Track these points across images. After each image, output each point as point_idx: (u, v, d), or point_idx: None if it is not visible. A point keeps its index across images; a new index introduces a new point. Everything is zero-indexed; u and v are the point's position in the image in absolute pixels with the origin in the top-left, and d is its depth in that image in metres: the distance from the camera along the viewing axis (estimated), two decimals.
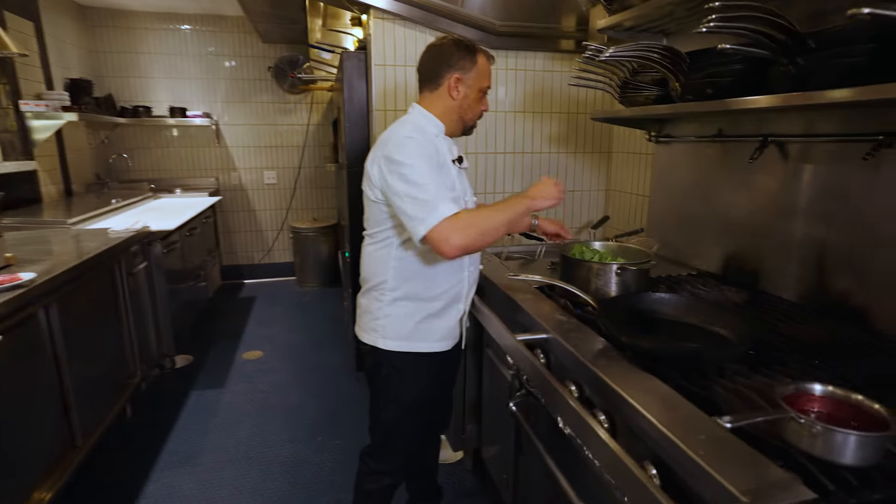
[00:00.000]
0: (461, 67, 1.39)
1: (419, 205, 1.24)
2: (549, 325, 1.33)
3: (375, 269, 1.45)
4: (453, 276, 1.46)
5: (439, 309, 1.46)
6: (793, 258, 1.48)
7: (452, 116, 1.44)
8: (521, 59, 2.45)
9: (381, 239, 1.42)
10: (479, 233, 1.25)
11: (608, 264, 1.38)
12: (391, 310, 1.43)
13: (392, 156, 1.30)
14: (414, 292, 1.42)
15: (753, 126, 1.58)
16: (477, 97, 1.43)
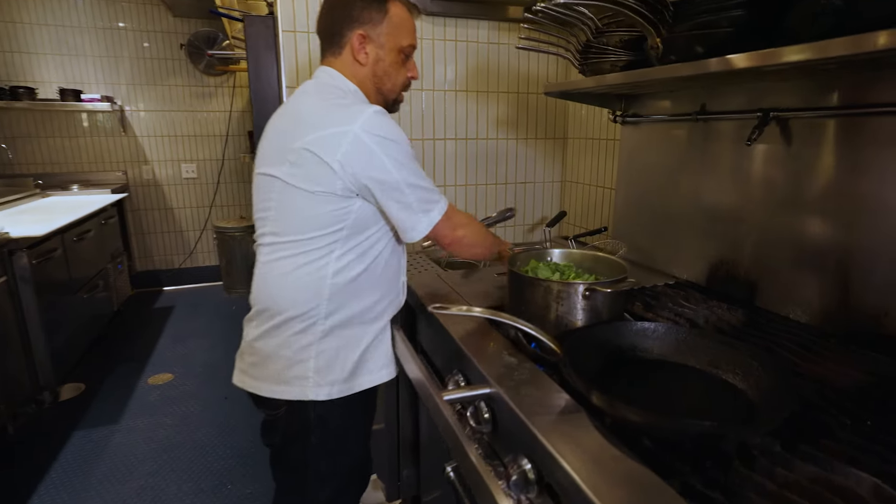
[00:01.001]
0: (366, 21, 1.08)
1: (425, 193, 1.06)
2: (492, 370, 0.95)
3: (300, 294, 1.06)
4: (393, 283, 1.19)
5: (382, 328, 1.18)
6: (802, 267, 1.16)
7: (367, 87, 1.13)
8: (463, 29, 2.06)
9: (315, 249, 1.05)
10: (473, 231, 1.18)
11: (572, 284, 1.01)
12: (325, 345, 1.07)
13: (378, 132, 0.99)
14: (353, 315, 1.10)
15: (747, 98, 1.24)
16: (396, 60, 1.13)
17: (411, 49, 1.14)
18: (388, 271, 1.16)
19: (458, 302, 1.32)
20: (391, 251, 1.15)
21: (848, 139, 1.05)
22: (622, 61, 1.31)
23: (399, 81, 1.16)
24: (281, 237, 1.06)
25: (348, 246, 1.06)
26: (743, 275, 1.30)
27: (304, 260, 1.05)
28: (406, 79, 1.17)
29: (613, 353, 0.98)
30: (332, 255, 1.05)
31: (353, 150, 0.98)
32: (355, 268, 1.07)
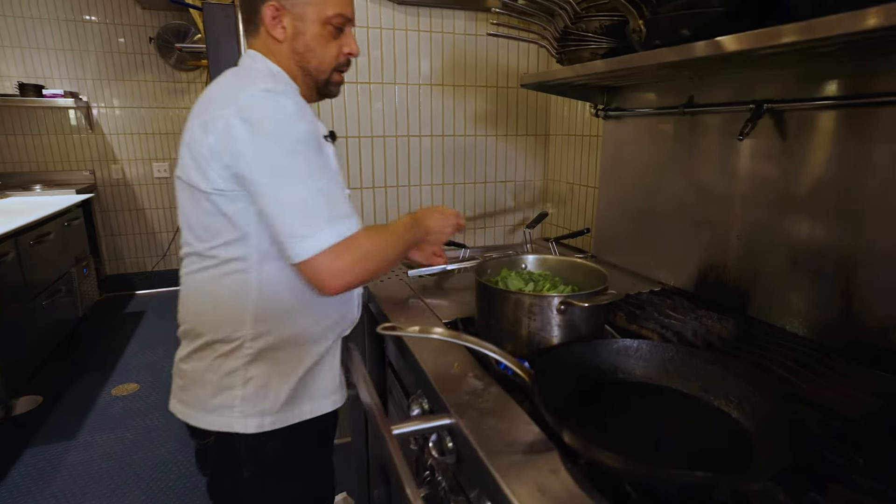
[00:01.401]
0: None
1: (305, 213, 0.82)
2: (452, 397, 0.83)
3: (220, 314, 0.91)
4: (341, 300, 1.02)
5: (326, 350, 1.01)
6: (798, 273, 1.05)
7: (290, 68, 0.97)
8: (437, 19, 1.94)
9: (231, 260, 0.90)
10: (376, 267, 0.89)
11: (545, 297, 0.89)
12: (254, 371, 0.92)
13: (250, 116, 0.81)
14: (287, 337, 0.94)
15: (739, 89, 1.14)
16: (321, 34, 0.95)
17: (342, 20, 0.96)
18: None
19: (424, 315, 1.20)
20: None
21: (850, 133, 0.95)
22: (603, 49, 1.20)
23: (328, 58, 0.97)
24: (193, 246, 0.92)
25: (270, 257, 0.90)
26: (733, 281, 1.20)
27: (221, 272, 0.90)
28: (340, 55, 0.99)
29: (591, 374, 0.86)
30: (251, 269, 0.90)
31: (222, 137, 0.82)
32: (282, 283, 0.91)
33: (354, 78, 1.86)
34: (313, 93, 1.01)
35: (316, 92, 1.01)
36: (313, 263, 0.83)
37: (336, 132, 1.87)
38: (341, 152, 1.89)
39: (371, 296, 1.37)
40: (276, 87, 0.85)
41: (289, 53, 0.95)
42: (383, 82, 1.91)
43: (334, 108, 1.86)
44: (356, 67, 1.85)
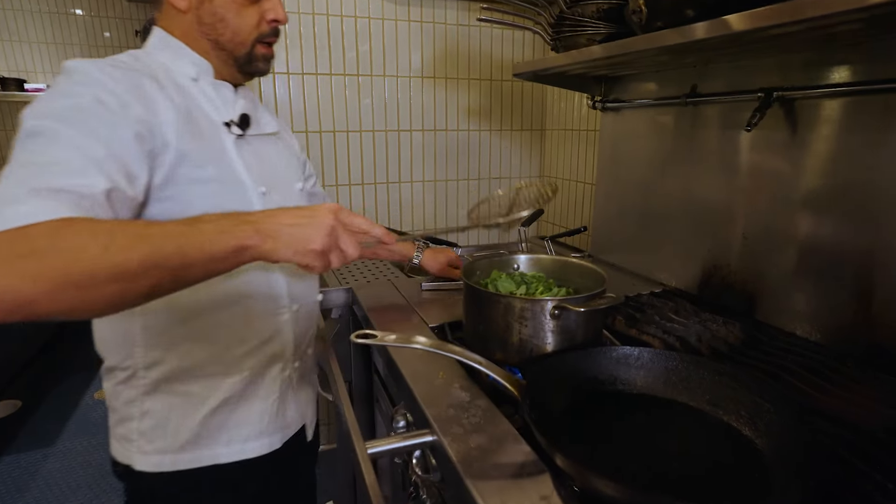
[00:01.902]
0: None
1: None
2: (435, 411, 0.76)
3: (110, 338, 0.79)
4: (262, 322, 0.86)
5: (243, 383, 0.85)
6: (810, 275, 0.98)
7: (197, 42, 0.81)
8: (428, 9, 1.86)
9: None
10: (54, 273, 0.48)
11: (537, 301, 0.82)
12: (151, 403, 0.80)
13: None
14: (186, 367, 0.80)
15: (746, 76, 1.06)
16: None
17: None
18: (241, 304, 0.83)
19: (410, 318, 1.13)
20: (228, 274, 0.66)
21: (866, 122, 0.88)
22: (600, 34, 1.13)
23: (245, 27, 0.81)
24: None
25: None
26: (739, 283, 1.13)
27: None
28: (261, 24, 0.82)
29: (588, 385, 0.79)
30: None
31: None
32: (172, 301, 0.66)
33: (342, 70, 1.79)
34: (235, 71, 0.84)
35: (238, 70, 0.84)
36: None
37: (318, 126, 1.79)
38: (328, 147, 1.82)
39: (354, 297, 1.29)
40: (72, 62, 0.67)
41: (195, 25, 0.79)
42: (372, 75, 1.83)
43: (321, 101, 1.78)
44: (343, 59, 1.78)
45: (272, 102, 1.73)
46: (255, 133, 0.88)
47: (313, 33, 1.72)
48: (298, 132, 1.78)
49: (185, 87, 0.79)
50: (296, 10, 1.69)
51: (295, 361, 0.93)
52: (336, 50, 1.76)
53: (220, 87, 0.83)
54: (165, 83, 0.75)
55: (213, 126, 0.80)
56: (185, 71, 0.80)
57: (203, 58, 0.82)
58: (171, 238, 0.54)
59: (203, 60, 0.82)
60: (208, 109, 0.80)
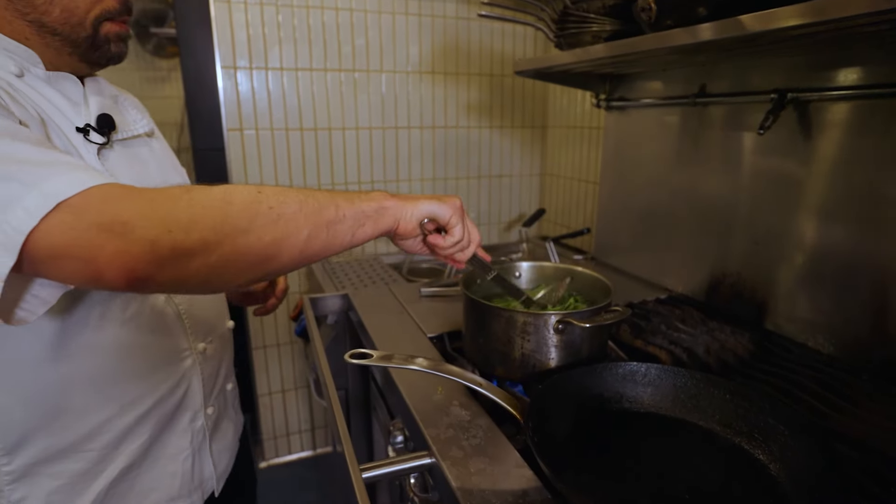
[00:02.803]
0: None
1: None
2: (434, 431, 0.72)
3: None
4: (159, 374, 0.72)
5: (141, 451, 0.72)
6: (826, 285, 0.95)
7: (17, 28, 0.60)
8: (427, 2, 1.81)
9: None
10: (220, 220, 0.46)
11: (540, 315, 0.78)
12: (26, 490, 0.65)
13: None
14: (68, 443, 0.66)
15: (759, 76, 1.02)
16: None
17: None
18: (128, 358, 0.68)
19: (408, 328, 1.09)
20: (102, 326, 0.65)
21: (886, 127, 0.84)
22: (606, 31, 1.08)
23: (80, 3, 0.61)
24: None
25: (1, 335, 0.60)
26: (749, 290, 1.09)
27: None
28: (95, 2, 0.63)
29: (593, 402, 0.75)
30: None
31: None
32: (18, 377, 0.61)
33: (337, 65, 1.74)
34: (74, 60, 0.65)
35: (80, 58, 0.65)
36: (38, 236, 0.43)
37: (314, 123, 1.74)
38: (324, 145, 1.77)
39: (350, 303, 1.25)
40: None
41: (6, 4, 0.59)
42: (369, 70, 1.79)
43: (316, 97, 1.73)
44: (338, 54, 1.73)
45: (265, 99, 1.68)
46: (124, 137, 0.72)
47: (307, 27, 1.67)
48: (293, 130, 1.74)
49: (20, 90, 0.59)
50: (289, 3, 1.64)
51: (208, 408, 0.80)
52: (331, 44, 1.71)
53: (58, 81, 0.64)
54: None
55: (63, 134, 0.62)
56: (3, 65, 0.59)
57: (24, 45, 0.61)
58: (319, 192, 0.55)
59: (23, 48, 0.60)
60: (53, 115, 0.62)
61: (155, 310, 0.71)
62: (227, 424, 0.88)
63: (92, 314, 0.64)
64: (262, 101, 1.68)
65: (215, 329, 0.82)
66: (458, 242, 0.66)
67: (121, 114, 0.73)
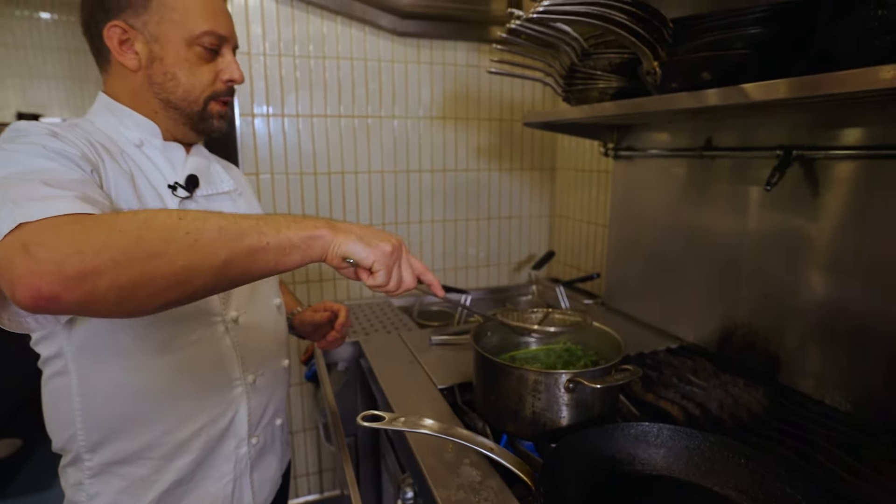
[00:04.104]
0: (123, 6, 0.73)
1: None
2: (445, 493, 0.72)
3: (52, 419, 0.77)
4: (211, 399, 0.81)
5: (191, 467, 0.80)
6: (842, 342, 0.94)
7: (148, 102, 0.78)
8: (439, 51, 1.88)
9: (49, 357, 0.74)
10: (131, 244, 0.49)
11: (551, 374, 0.78)
12: (99, 486, 0.76)
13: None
14: (134, 448, 0.76)
15: (764, 132, 1.04)
16: (186, 57, 0.77)
17: (215, 40, 0.78)
18: (185, 380, 0.78)
19: (419, 378, 1.09)
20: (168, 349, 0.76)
21: (894, 186, 0.85)
22: (613, 88, 1.11)
23: (197, 86, 0.78)
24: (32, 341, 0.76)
25: (88, 351, 0.72)
26: (762, 343, 1.08)
27: (46, 374, 0.76)
28: (216, 82, 0.80)
29: (606, 464, 0.75)
30: (69, 369, 0.73)
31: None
32: (109, 383, 0.73)
33: (351, 111, 1.79)
34: (187, 129, 0.81)
35: (191, 128, 0.81)
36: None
37: (327, 167, 1.79)
38: (336, 189, 1.81)
39: (361, 351, 1.26)
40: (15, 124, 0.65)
41: (146, 84, 0.76)
42: (381, 116, 1.84)
43: (330, 142, 1.78)
44: (352, 100, 1.78)
45: (281, 144, 1.73)
46: (207, 193, 0.85)
47: (323, 75, 1.73)
48: (307, 174, 1.78)
49: (128, 153, 0.76)
50: (306, 54, 1.70)
51: (252, 438, 0.86)
52: (346, 91, 1.77)
53: (168, 150, 0.81)
54: (110, 147, 0.72)
55: (155, 191, 0.77)
56: (129, 137, 0.77)
57: (150, 119, 0.78)
58: (247, 218, 0.56)
59: (149, 122, 0.78)
60: (151, 174, 0.77)
61: (214, 338, 0.80)
62: (272, 458, 0.92)
63: (162, 337, 0.75)
64: (278, 147, 1.73)
65: (268, 364, 0.88)
66: (383, 286, 0.65)
67: (210, 175, 0.87)
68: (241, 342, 0.83)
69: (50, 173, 0.57)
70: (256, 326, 0.86)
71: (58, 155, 0.61)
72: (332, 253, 0.60)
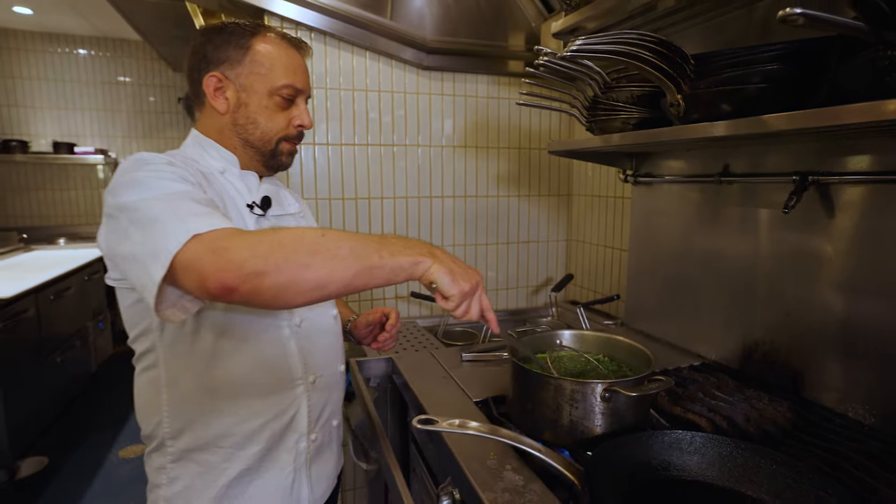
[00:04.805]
0: (222, 60, 0.88)
1: (153, 231, 0.66)
2: (491, 495, 0.76)
3: (141, 409, 0.89)
4: (276, 395, 0.89)
5: (257, 457, 0.88)
6: (864, 357, 0.98)
7: (230, 139, 0.92)
8: (461, 84, 1.98)
9: (143, 352, 0.87)
10: (289, 256, 0.63)
11: (587, 384, 0.83)
12: (178, 471, 0.87)
13: (107, 197, 0.75)
14: (209, 437, 0.86)
15: (779, 159, 1.11)
16: (266, 105, 0.90)
17: (292, 91, 0.92)
18: (255, 378, 0.88)
19: (453, 392, 1.14)
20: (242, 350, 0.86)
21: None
22: (634, 119, 1.19)
23: (273, 129, 0.92)
24: (129, 338, 0.89)
25: (176, 349, 0.84)
26: (784, 360, 1.12)
27: (139, 367, 0.88)
28: (289, 127, 0.94)
29: (642, 471, 0.79)
30: (159, 364, 0.85)
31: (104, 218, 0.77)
32: (190, 377, 0.84)
33: (378, 140, 1.89)
34: (259, 165, 0.95)
35: (263, 164, 0.95)
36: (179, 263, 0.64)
37: (354, 193, 1.87)
38: (363, 214, 1.89)
39: (395, 367, 1.31)
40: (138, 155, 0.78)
41: (230, 125, 0.90)
42: (406, 144, 1.93)
43: (357, 169, 1.87)
44: (379, 129, 1.88)
45: (312, 172, 1.82)
46: (278, 213, 0.98)
47: (352, 107, 1.83)
48: (336, 199, 1.86)
49: (214, 176, 0.89)
50: (336, 86, 1.81)
51: (311, 434, 0.94)
52: (373, 121, 1.87)
53: (245, 176, 0.94)
54: (204, 173, 0.86)
55: (238, 208, 0.90)
56: (213, 165, 0.90)
57: (231, 152, 0.92)
58: (370, 241, 0.69)
59: (231, 154, 0.92)
60: (233, 195, 0.90)
61: (281, 341, 0.90)
62: (329, 455, 1.01)
63: (238, 338, 0.85)
64: (308, 174, 1.82)
65: (327, 367, 0.97)
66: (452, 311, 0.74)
67: (280, 198, 1.00)
68: (304, 346, 0.92)
69: (191, 194, 0.72)
70: (317, 332, 0.95)
71: (183, 180, 0.75)
72: (426, 276, 0.70)
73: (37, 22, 3.50)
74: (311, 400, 0.93)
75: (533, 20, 2.00)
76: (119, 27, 3.53)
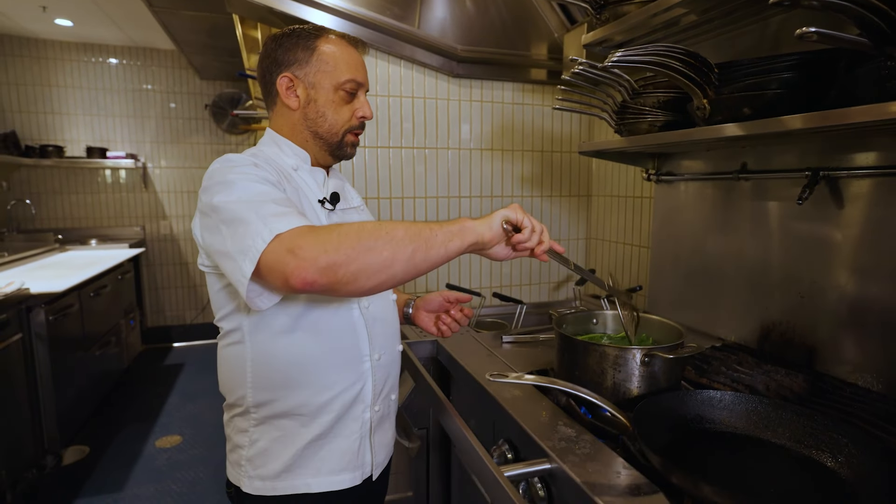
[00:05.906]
0: (292, 62, 0.98)
1: (241, 231, 0.77)
2: (549, 443, 0.88)
3: (230, 378, 0.98)
4: (347, 370, 0.99)
5: (329, 425, 0.98)
6: (873, 332, 1.10)
7: (301, 134, 1.01)
8: (488, 90, 2.11)
9: (230, 331, 0.97)
10: (355, 244, 0.74)
11: (629, 350, 0.96)
12: (260, 433, 0.96)
13: (201, 195, 0.87)
14: (288, 408, 0.96)
15: (793, 156, 1.23)
16: (333, 99, 0.99)
17: (354, 85, 1.00)
18: (329, 354, 0.96)
19: (497, 366, 1.26)
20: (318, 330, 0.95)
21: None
22: (659, 121, 1.32)
23: (339, 121, 1.00)
24: (216, 319, 1.00)
25: (260, 330, 0.93)
26: (799, 338, 1.24)
27: (225, 343, 0.98)
28: (352, 119, 1.01)
29: (679, 424, 0.91)
30: (245, 341, 0.94)
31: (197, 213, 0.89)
32: (275, 355, 0.93)
33: (411, 143, 2.02)
34: (327, 155, 1.04)
35: (330, 154, 1.03)
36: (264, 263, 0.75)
37: (389, 192, 2.01)
38: (397, 211, 2.02)
39: (440, 348, 1.43)
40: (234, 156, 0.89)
41: (301, 120, 0.99)
42: (437, 147, 2.06)
43: (392, 169, 2.00)
44: (412, 133, 2.01)
45: (349, 172, 1.95)
46: (344, 207, 1.08)
47: (388, 112, 1.97)
48: (371, 198, 2.00)
49: (289, 174, 0.98)
50: (372, 93, 1.94)
51: (375, 405, 1.03)
52: (407, 125, 2.00)
53: (315, 173, 1.03)
54: (282, 171, 0.96)
55: (311, 203, 1.00)
56: (289, 162, 1.00)
57: (302, 148, 1.01)
58: (419, 223, 0.80)
59: (302, 151, 1.02)
60: (307, 191, 1.00)
61: (351, 322, 0.99)
62: (388, 426, 1.10)
63: (314, 319, 0.95)
64: (345, 174, 1.95)
65: (388, 346, 1.07)
66: (533, 232, 0.87)
67: (345, 193, 1.10)
68: (371, 327, 1.02)
69: (272, 195, 0.82)
70: (381, 315, 1.05)
71: (265, 181, 0.85)
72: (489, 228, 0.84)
73: (75, 33, 3.67)
74: (375, 375, 1.02)
75: (555, 30, 2.13)
76: (151, 37, 3.70)
